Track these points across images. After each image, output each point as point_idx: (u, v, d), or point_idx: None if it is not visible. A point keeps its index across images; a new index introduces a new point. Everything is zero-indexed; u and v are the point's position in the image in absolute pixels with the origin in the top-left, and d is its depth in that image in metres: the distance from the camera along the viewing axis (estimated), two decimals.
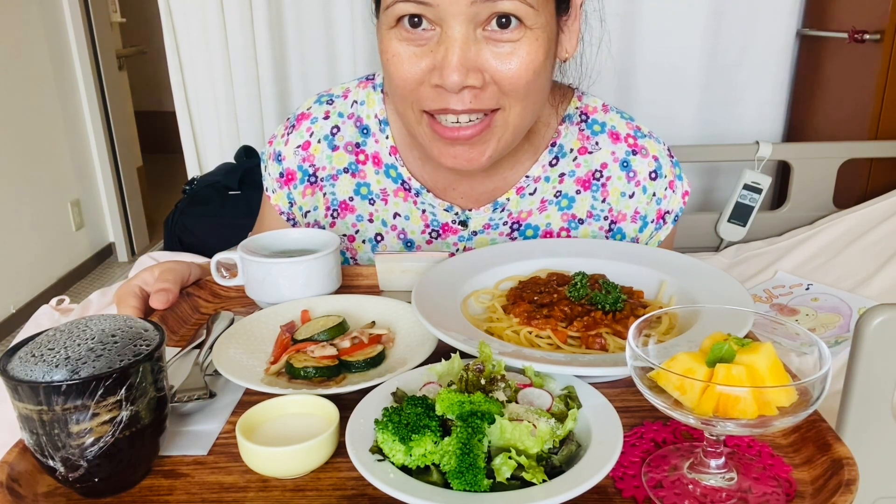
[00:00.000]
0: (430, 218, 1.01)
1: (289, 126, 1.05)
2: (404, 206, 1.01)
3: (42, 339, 0.57)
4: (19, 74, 3.22)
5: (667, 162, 1.01)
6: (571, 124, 1.00)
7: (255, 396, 0.67)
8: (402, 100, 0.85)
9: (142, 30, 5.23)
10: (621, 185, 1.00)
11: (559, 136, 0.99)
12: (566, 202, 1.00)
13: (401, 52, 0.81)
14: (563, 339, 0.73)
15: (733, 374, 0.51)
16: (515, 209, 1.00)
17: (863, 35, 1.95)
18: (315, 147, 1.03)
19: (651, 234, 1.03)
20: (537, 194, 1.00)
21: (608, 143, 1.00)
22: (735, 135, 2.38)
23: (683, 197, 1.03)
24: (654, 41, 2.30)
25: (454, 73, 0.77)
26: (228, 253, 0.91)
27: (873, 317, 0.82)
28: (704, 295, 0.77)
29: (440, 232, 1.01)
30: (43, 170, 3.40)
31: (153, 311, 0.85)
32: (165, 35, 2.40)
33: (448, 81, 0.78)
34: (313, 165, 1.03)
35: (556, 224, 1.01)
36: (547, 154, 0.99)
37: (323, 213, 1.05)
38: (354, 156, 1.02)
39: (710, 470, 0.57)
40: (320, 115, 1.03)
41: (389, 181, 1.01)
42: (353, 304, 0.85)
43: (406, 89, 0.83)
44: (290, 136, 1.04)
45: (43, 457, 0.55)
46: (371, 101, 1.02)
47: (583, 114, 1.01)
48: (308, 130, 1.03)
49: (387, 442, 0.55)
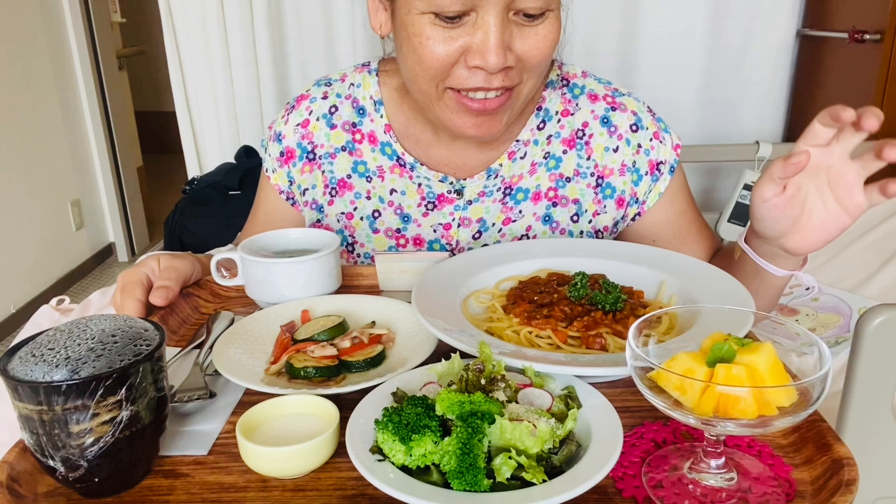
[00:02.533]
0: (426, 190, 1.03)
1: (288, 108, 1.08)
2: (400, 181, 1.04)
3: (42, 339, 0.57)
4: (19, 74, 3.22)
5: (646, 116, 1.04)
6: (554, 90, 1.05)
7: (255, 396, 0.67)
8: (428, 79, 0.88)
9: (142, 30, 5.24)
10: (604, 141, 1.03)
11: (544, 101, 1.04)
12: (553, 163, 1.03)
13: (434, 34, 0.85)
14: (563, 339, 0.73)
15: (733, 374, 0.51)
16: (507, 174, 1.03)
17: (863, 35, 1.95)
18: (314, 125, 1.06)
19: (649, 187, 1.04)
20: (527, 158, 1.03)
21: (587, 103, 1.04)
22: (735, 135, 2.38)
23: (675, 149, 1.04)
24: (655, 41, 2.30)
25: (494, 56, 0.82)
26: (228, 253, 0.91)
27: (873, 317, 0.82)
28: (704, 295, 0.77)
29: (436, 203, 1.04)
30: (43, 170, 3.40)
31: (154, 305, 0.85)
32: (165, 35, 2.40)
33: (490, 64, 0.83)
34: (312, 143, 1.06)
35: (544, 185, 1.03)
36: (534, 118, 1.03)
37: (321, 190, 1.07)
38: (351, 134, 1.05)
39: (710, 470, 0.57)
40: (319, 96, 1.07)
41: (385, 158, 1.04)
42: (353, 304, 0.85)
43: (438, 70, 0.86)
44: (290, 116, 1.07)
45: (43, 457, 0.55)
46: (367, 83, 1.06)
47: (563, 79, 1.06)
48: (307, 109, 1.06)
49: (387, 442, 0.55)
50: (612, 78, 1.11)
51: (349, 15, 2.34)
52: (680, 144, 1.05)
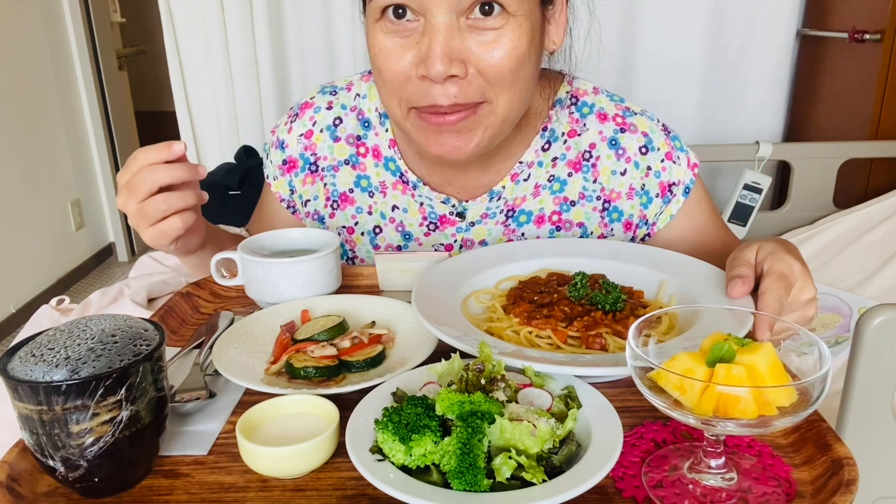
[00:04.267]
0: (428, 210, 1.01)
1: (292, 115, 1.06)
2: (402, 198, 1.02)
3: (42, 339, 0.57)
4: (19, 74, 3.22)
5: (659, 136, 1.00)
6: (562, 108, 1.00)
7: (255, 396, 0.67)
8: (390, 94, 0.86)
9: (142, 30, 5.23)
10: (611, 164, 1.00)
11: (550, 120, 1.00)
12: (558, 185, 1.00)
13: (387, 44, 0.82)
14: (563, 340, 0.73)
15: (733, 374, 0.51)
16: (510, 196, 1.00)
17: (863, 35, 1.95)
18: (317, 136, 1.04)
19: (660, 209, 1.01)
20: (531, 180, 1.00)
21: (595, 123, 1.00)
22: (735, 135, 2.38)
23: (692, 168, 1.01)
24: (655, 41, 2.30)
25: (438, 63, 0.78)
26: (228, 253, 0.91)
27: (873, 317, 0.82)
28: (704, 295, 0.77)
29: (438, 224, 1.02)
30: (43, 170, 3.40)
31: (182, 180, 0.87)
32: (165, 35, 2.40)
33: (432, 71, 0.79)
34: (315, 154, 1.04)
35: (548, 208, 1.00)
36: (539, 139, 0.99)
37: (323, 203, 1.05)
38: (355, 148, 1.03)
39: (710, 470, 0.57)
40: (323, 105, 1.04)
41: (388, 174, 1.02)
42: (353, 304, 0.85)
43: (394, 83, 0.83)
44: (294, 125, 1.05)
45: (43, 457, 0.55)
46: (372, 94, 1.03)
47: (573, 97, 1.01)
48: (311, 119, 1.04)
49: (387, 442, 0.55)
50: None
51: (349, 15, 2.34)
52: (697, 164, 1.02)
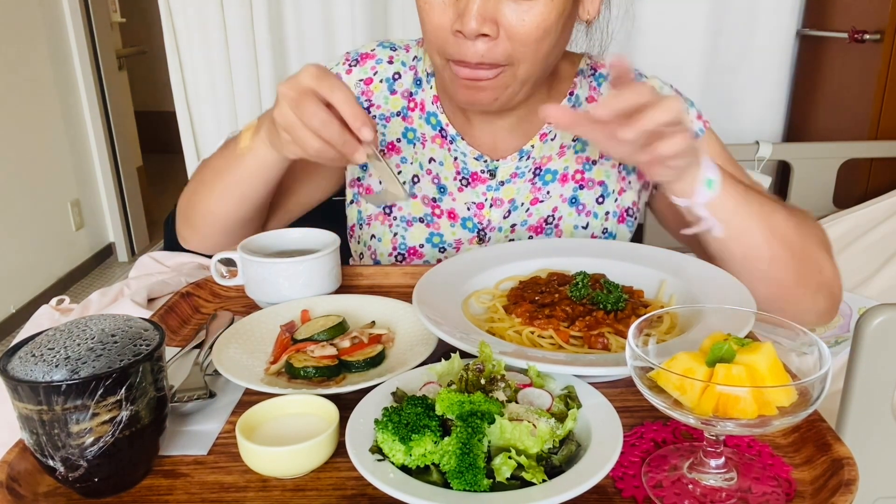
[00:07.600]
0: (461, 166, 1.06)
1: (351, 60, 1.10)
2: (440, 151, 1.07)
3: (42, 339, 0.57)
4: (19, 74, 3.22)
5: (667, 91, 1.07)
6: (584, 77, 1.08)
7: (255, 396, 0.67)
8: (431, 45, 0.92)
9: (142, 30, 5.23)
10: None
11: (575, 87, 1.07)
12: (580, 145, 1.06)
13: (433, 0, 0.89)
14: (565, 339, 0.73)
15: (733, 374, 0.51)
16: (538, 155, 1.06)
17: (863, 35, 1.95)
18: (376, 85, 1.08)
19: None
20: (557, 140, 1.06)
21: (608, 89, 1.06)
22: (735, 135, 2.37)
23: (699, 118, 1.05)
24: (654, 41, 2.30)
25: (472, 20, 0.84)
26: (228, 253, 0.91)
27: (873, 317, 0.82)
28: (705, 295, 0.77)
29: (469, 180, 1.06)
30: (43, 170, 3.40)
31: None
32: (165, 35, 2.40)
33: (466, 27, 0.85)
34: (370, 101, 1.08)
35: (571, 167, 1.06)
36: (566, 102, 1.06)
37: None
38: (407, 101, 1.08)
39: (710, 470, 0.57)
40: (385, 59, 1.09)
41: (429, 127, 1.07)
42: (353, 304, 0.85)
43: (434, 34, 0.90)
44: (354, 70, 1.09)
45: (43, 457, 0.55)
46: (426, 57, 1.09)
47: (592, 68, 1.09)
48: (373, 70, 1.08)
49: (387, 442, 0.55)
50: None
51: (349, 15, 2.34)
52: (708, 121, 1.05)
